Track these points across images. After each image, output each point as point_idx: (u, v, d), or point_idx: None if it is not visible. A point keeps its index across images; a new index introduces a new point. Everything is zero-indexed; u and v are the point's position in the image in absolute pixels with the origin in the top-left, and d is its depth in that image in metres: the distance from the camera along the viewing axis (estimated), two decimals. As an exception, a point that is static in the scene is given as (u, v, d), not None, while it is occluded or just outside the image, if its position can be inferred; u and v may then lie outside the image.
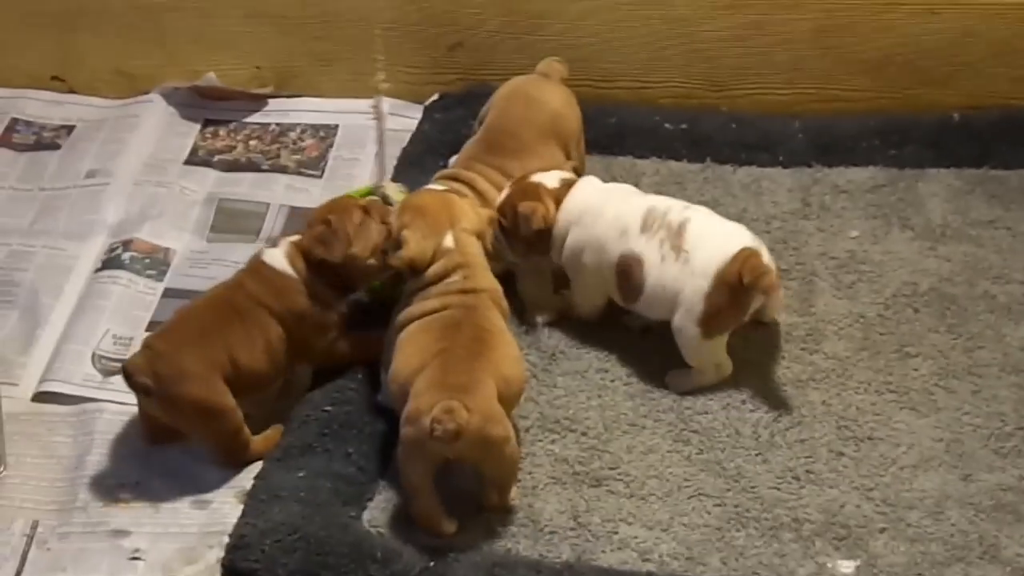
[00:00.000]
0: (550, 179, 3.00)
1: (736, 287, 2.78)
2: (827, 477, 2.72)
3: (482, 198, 3.03)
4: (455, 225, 2.76)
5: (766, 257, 2.83)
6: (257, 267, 2.87)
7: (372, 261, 2.83)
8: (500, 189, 3.05)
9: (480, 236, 2.80)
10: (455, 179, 3.08)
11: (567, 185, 3.00)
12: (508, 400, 2.61)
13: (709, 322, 2.81)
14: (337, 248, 2.82)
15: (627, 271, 2.89)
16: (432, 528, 2.60)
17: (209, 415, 2.74)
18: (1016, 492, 2.68)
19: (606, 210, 2.94)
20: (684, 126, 3.53)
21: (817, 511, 2.66)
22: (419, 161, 3.38)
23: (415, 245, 2.74)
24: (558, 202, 2.97)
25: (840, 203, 3.33)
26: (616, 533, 2.63)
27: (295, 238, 2.89)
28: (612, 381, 2.91)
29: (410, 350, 2.65)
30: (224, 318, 2.80)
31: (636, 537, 2.62)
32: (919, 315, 3.04)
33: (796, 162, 3.44)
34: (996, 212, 3.29)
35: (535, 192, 2.98)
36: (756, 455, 2.76)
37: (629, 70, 3.65)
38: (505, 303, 2.78)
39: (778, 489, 2.70)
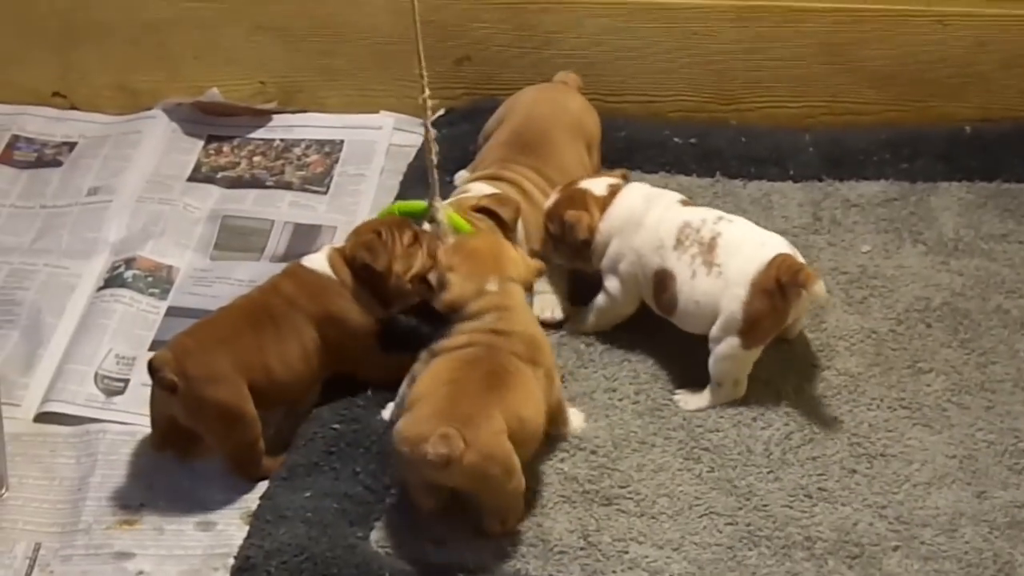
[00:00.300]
0: (598, 186, 3.01)
1: (774, 293, 2.77)
2: (839, 495, 2.70)
3: (527, 198, 3.07)
4: (501, 273, 2.72)
5: (800, 259, 2.83)
6: (294, 270, 2.87)
7: (409, 286, 2.81)
8: (539, 188, 3.09)
9: (526, 287, 2.78)
10: (497, 179, 3.10)
11: (614, 193, 2.99)
12: (523, 442, 2.58)
13: (749, 332, 2.80)
14: (382, 258, 2.81)
15: (663, 284, 2.89)
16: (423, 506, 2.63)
17: (231, 420, 2.71)
18: (1031, 509, 2.67)
19: (645, 221, 2.93)
20: (693, 140, 3.52)
21: (830, 529, 2.64)
22: (425, 177, 3.34)
23: (458, 288, 2.70)
24: (604, 210, 2.96)
25: (851, 217, 3.32)
26: (626, 552, 2.61)
27: (338, 245, 2.89)
28: (620, 400, 2.90)
29: (425, 377, 2.63)
30: (257, 321, 2.78)
31: (647, 556, 2.60)
32: (931, 330, 3.03)
33: (807, 176, 3.44)
34: (1009, 226, 3.28)
35: (582, 200, 2.98)
36: (768, 473, 2.74)
37: (638, 84, 3.65)
38: (534, 348, 2.70)
39: (790, 507, 2.68)
